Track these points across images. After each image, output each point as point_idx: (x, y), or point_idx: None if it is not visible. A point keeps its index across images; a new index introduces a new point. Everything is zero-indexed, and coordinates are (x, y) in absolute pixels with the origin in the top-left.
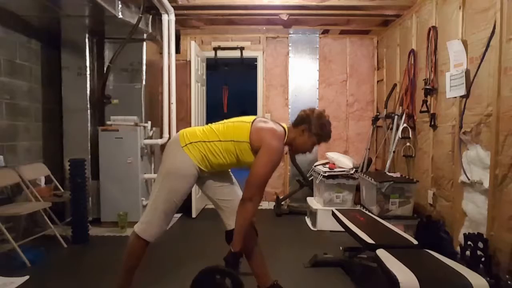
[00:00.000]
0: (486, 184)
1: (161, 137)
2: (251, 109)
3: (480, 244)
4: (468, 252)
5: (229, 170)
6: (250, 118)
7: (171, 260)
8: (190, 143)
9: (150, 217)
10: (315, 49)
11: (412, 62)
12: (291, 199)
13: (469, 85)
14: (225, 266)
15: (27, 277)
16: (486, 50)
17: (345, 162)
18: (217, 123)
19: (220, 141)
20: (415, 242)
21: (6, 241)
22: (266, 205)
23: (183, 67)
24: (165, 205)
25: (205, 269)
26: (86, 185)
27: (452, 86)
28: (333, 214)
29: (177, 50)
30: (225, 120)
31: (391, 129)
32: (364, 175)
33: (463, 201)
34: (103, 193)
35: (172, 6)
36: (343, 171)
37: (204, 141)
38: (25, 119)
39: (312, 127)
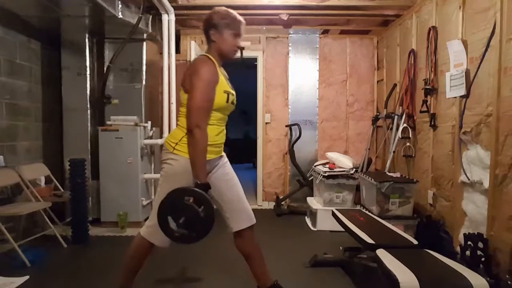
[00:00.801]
0: (486, 184)
1: (161, 137)
2: (251, 109)
3: (480, 244)
4: (468, 252)
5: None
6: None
7: (171, 260)
8: (176, 144)
9: (155, 221)
10: (315, 49)
11: (412, 62)
12: (291, 199)
13: (469, 85)
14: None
15: (27, 277)
16: (486, 50)
17: (345, 162)
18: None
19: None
20: (415, 242)
21: (6, 241)
22: (266, 205)
23: (183, 67)
24: None
25: (174, 190)
26: (86, 185)
27: (452, 86)
28: (333, 214)
29: (177, 50)
30: None
31: (391, 129)
32: (364, 175)
33: (463, 201)
34: (103, 193)
35: (172, 6)
36: (343, 171)
37: (185, 133)
38: (25, 119)
39: (217, 25)
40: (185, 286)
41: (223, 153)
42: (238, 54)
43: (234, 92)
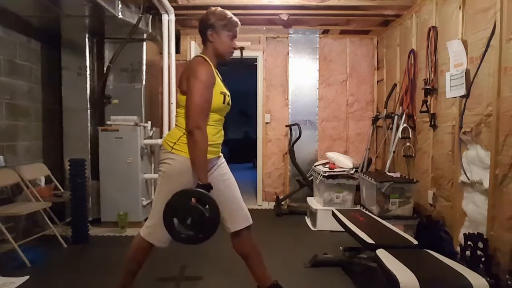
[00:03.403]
0: (486, 184)
1: (161, 137)
2: (251, 109)
3: (480, 244)
4: (468, 252)
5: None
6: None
7: (171, 260)
8: (174, 143)
9: (154, 221)
10: (315, 49)
11: (412, 62)
12: (291, 199)
13: (469, 85)
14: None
15: (27, 277)
16: (486, 50)
17: (345, 162)
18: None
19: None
20: (415, 242)
21: (6, 241)
22: (266, 205)
23: (183, 67)
24: None
25: (179, 192)
26: (86, 185)
27: (452, 86)
28: (333, 214)
29: (177, 50)
30: None
31: (391, 129)
32: (364, 175)
33: (463, 201)
34: (103, 193)
35: (172, 6)
36: (343, 171)
37: (183, 133)
38: (25, 119)
39: (214, 26)
40: (185, 285)
41: (221, 154)
42: (236, 55)
43: (229, 93)
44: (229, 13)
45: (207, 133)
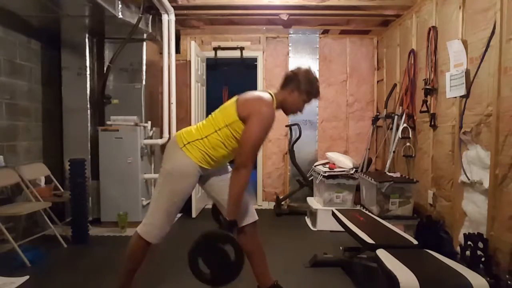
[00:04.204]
0: (486, 184)
1: (161, 137)
2: None
3: (480, 244)
4: (468, 252)
5: (228, 165)
6: (234, 98)
7: (171, 261)
8: (188, 143)
9: (152, 219)
10: (315, 49)
11: (412, 62)
12: (291, 199)
13: (469, 85)
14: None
15: (27, 277)
16: (486, 50)
17: (345, 162)
18: (208, 117)
19: (216, 131)
20: (415, 242)
21: (6, 241)
22: (266, 205)
23: (183, 67)
24: (167, 206)
25: (205, 235)
26: (86, 185)
27: (452, 86)
28: (333, 214)
29: (177, 50)
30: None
31: (391, 129)
32: (364, 175)
33: (463, 201)
34: (103, 193)
35: (172, 6)
36: (343, 171)
37: (202, 138)
38: (25, 119)
39: (301, 85)
40: (185, 284)
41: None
42: (236, 55)
43: None
44: (317, 83)
45: (251, 171)
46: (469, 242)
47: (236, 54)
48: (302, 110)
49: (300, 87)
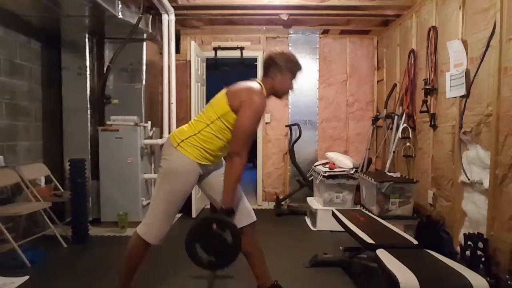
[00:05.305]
0: (486, 184)
1: (161, 137)
2: None
3: (480, 244)
4: (468, 252)
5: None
6: (223, 91)
7: (171, 260)
8: (182, 141)
9: (151, 219)
10: (315, 49)
11: (412, 62)
12: (291, 199)
13: (469, 85)
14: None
15: (27, 277)
16: (486, 50)
17: (345, 162)
18: (199, 113)
19: (208, 125)
20: (415, 242)
21: (6, 241)
22: (266, 205)
23: (183, 67)
24: (165, 206)
25: (202, 218)
26: (86, 185)
27: (452, 86)
28: (333, 214)
29: (177, 50)
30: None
31: (391, 129)
32: (364, 175)
33: (463, 201)
34: (103, 193)
35: (172, 6)
36: (343, 171)
37: (195, 134)
38: (25, 119)
39: (281, 66)
40: (185, 284)
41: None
42: (236, 55)
43: None
44: (295, 57)
45: (245, 160)
46: (469, 242)
47: (236, 54)
48: (292, 88)
49: (281, 69)
